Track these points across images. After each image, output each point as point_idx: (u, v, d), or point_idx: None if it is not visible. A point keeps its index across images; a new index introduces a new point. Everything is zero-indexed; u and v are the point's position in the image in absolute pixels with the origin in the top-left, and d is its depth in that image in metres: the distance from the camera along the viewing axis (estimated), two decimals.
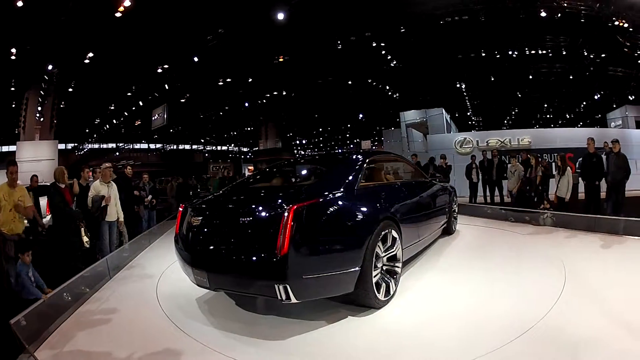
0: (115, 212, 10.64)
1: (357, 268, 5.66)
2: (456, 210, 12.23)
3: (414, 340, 5.06)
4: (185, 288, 7.16)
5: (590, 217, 11.83)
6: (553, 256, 8.53)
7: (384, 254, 6.30)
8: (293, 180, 8.05)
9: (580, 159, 14.84)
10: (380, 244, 6.16)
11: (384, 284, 6.19)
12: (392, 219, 6.70)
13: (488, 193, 19.25)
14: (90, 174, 13.18)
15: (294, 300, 5.07)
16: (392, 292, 6.37)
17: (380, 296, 6.09)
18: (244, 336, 5.35)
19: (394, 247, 6.59)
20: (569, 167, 13.72)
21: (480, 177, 19.55)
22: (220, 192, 7.42)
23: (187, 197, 21.17)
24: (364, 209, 6.33)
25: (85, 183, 11.63)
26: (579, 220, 11.85)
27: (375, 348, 4.93)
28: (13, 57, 24.00)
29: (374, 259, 5.99)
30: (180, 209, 6.91)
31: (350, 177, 6.59)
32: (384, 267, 6.32)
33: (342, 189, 6.20)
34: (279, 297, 5.07)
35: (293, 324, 5.63)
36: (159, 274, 8.84)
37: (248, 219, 5.51)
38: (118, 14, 21.19)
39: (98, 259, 9.08)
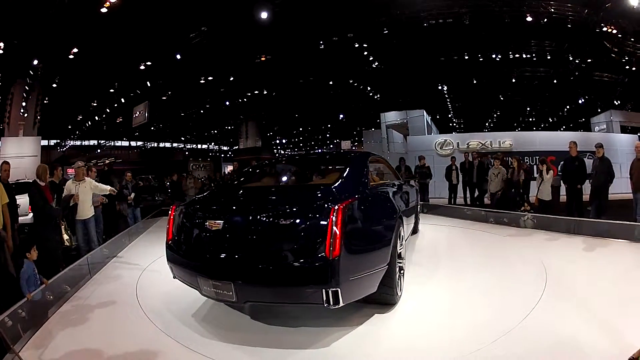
0: (88, 209, 10.53)
1: (385, 265, 5.68)
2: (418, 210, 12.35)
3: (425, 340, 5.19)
4: (166, 289, 7.21)
5: (570, 220, 11.93)
6: (533, 258, 8.67)
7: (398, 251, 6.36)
8: (298, 179, 7.78)
9: (562, 162, 14.89)
10: (398, 240, 6.27)
11: (399, 281, 6.29)
12: (400, 217, 6.80)
13: (468, 195, 19.26)
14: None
15: (341, 304, 4.86)
16: (402, 289, 6.48)
17: (399, 292, 6.25)
18: (268, 347, 5.15)
19: (402, 244, 6.73)
20: (551, 170, 13.77)
21: (460, 178, 19.59)
22: (221, 191, 7.27)
23: (180, 197, 21.11)
24: (386, 207, 6.46)
25: (58, 181, 11.54)
26: (560, 223, 11.96)
27: (412, 346, 5.04)
28: (0, 52, 23.78)
29: (396, 256, 6.10)
30: (171, 210, 6.47)
31: (364, 177, 6.58)
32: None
33: (360, 188, 6.18)
34: (327, 303, 4.83)
35: (326, 330, 5.49)
36: (139, 273, 8.87)
37: (287, 220, 5.08)
38: (103, 9, 21.07)
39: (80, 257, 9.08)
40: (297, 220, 5.05)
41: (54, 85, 32.66)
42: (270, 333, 5.53)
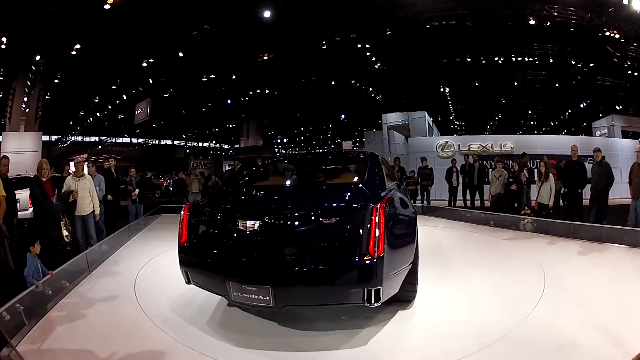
0: (87, 205, 10.50)
1: (410, 263, 5.69)
2: None
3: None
4: (166, 288, 7.25)
5: (570, 224, 11.90)
6: (532, 262, 8.66)
7: None
8: (314, 177, 7.80)
9: (563, 166, 14.90)
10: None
11: None
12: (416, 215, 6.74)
13: (468, 197, 19.24)
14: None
15: (380, 302, 4.82)
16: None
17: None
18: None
19: None
20: (551, 174, 13.72)
21: (460, 181, 19.55)
22: (243, 190, 6.89)
23: (183, 194, 21.09)
24: (408, 205, 6.44)
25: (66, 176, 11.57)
26: (559, 227, 11.94)
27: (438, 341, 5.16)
28: (3, 47, 23.76)
29: (418, 253, 6.06)
30: (184, 211, 5.96)
31: (383, 176, 6.54)
32: None
33: (383, 187, 6.15)
34: (368, 302, 4.74)
35: (357, 331, 5.43)
36: (138, 270, 8.87)
37: (329, 219, 4.96)
38: (107, 6, 21.06)
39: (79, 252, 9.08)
40: (339, 219, 4.98)
41: (56, 80, 32.68)
42: (300, 337, 5.42)
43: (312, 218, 5.08)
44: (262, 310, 5.56)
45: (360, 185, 6.01)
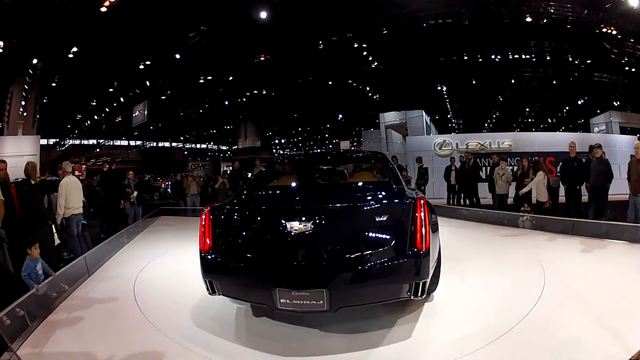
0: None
1: (437, 255, 5.84)
2: None
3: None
4: (163, 289, 7.33)
5: (569, 221, 11.87)
6: (532, 258, 8.62)
7: None
8: (332, 177, 7.81)
9: (561, 163, 14.87)
10: None
11: None
12: None
13: (462, 195, 19.09)
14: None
15: (425, 294, 4.96)
16: None
17: None
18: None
19: None
20: (540, 172, 13.65)
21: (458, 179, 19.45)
22: (269, 190, 6.87)
23: (182, 196, 21.09)
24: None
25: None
26: (559, 224, 11.91)
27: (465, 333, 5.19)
28: (0, 50, 23.69)
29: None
30: (206, 214, 5.55)
31: (399, 174, 6.61)
32: None
33: (401, 184, 6.24)
34: (415, 295, 4.83)
35: (396, 328, 5.38)
36: (137, 272, 8.81)
37: (380, 217, 5.06)
38: (103, 9, 21.02)
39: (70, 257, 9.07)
40: (388, 216, 5.09)
41: (54, 84, 32.57)
42: (338, 337, 5.25)
43: (363, 216, 5.21)
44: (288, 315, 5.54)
45: (392, 183, 6.19)
